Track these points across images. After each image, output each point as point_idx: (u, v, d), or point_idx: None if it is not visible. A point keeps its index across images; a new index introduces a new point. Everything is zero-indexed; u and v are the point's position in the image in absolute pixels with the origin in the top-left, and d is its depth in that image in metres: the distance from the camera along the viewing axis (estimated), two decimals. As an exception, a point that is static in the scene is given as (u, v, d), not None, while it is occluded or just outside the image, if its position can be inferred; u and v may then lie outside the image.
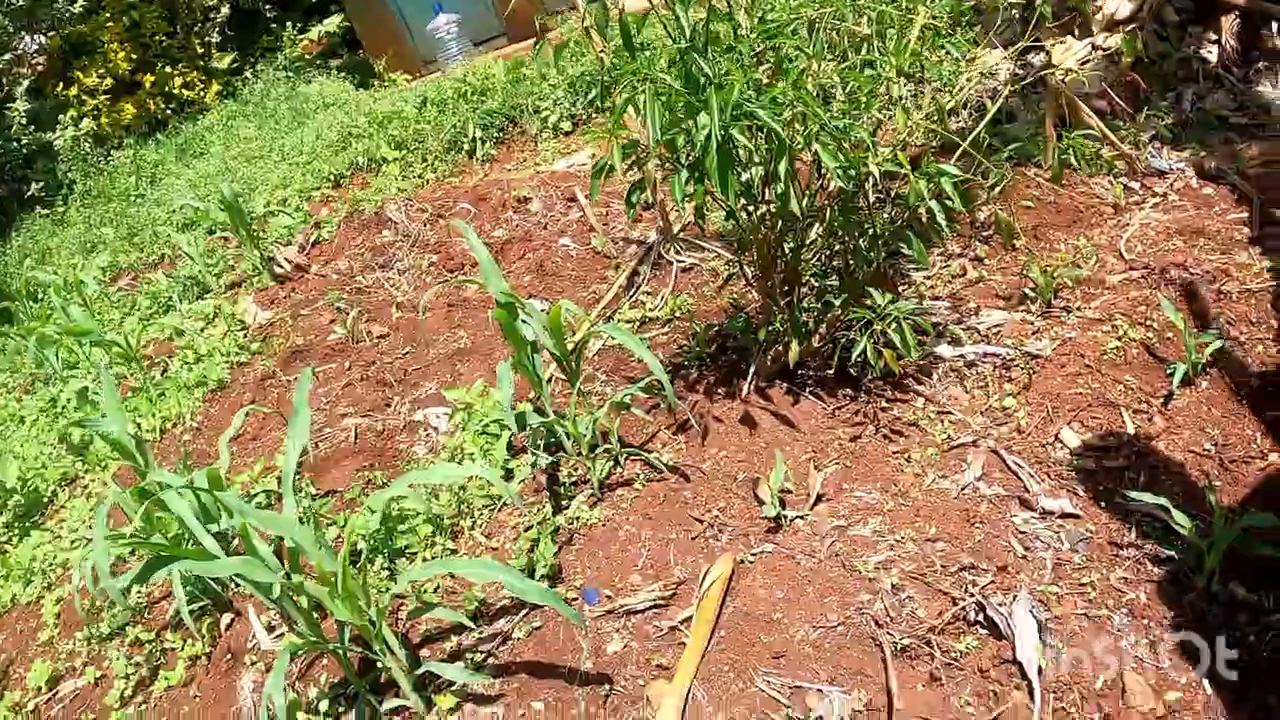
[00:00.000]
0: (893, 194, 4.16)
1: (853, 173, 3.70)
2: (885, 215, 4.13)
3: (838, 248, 4.35)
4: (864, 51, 3.92)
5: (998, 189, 4.09)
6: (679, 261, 5.96)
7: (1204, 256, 4.69)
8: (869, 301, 4.04)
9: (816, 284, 4.51)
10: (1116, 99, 6.03)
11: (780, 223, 4.09)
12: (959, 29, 4.34)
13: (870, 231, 4.10)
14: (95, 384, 6.61)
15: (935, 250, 5.27)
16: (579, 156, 8.08)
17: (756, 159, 3.71)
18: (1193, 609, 3.20)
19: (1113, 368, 4.22)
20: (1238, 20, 6.12)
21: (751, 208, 4.05)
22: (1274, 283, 4.39)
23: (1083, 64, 6.30)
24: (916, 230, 4.05)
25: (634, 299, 5.79)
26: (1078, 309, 4.59)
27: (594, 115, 8.65)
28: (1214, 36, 6.18)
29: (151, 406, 6.18)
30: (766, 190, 3.99)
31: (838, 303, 4.25)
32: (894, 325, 3.94)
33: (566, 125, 8.75)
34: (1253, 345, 4.14)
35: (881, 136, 4.21)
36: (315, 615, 3.47)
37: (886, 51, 3.88)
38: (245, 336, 6.75)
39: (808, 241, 4.32)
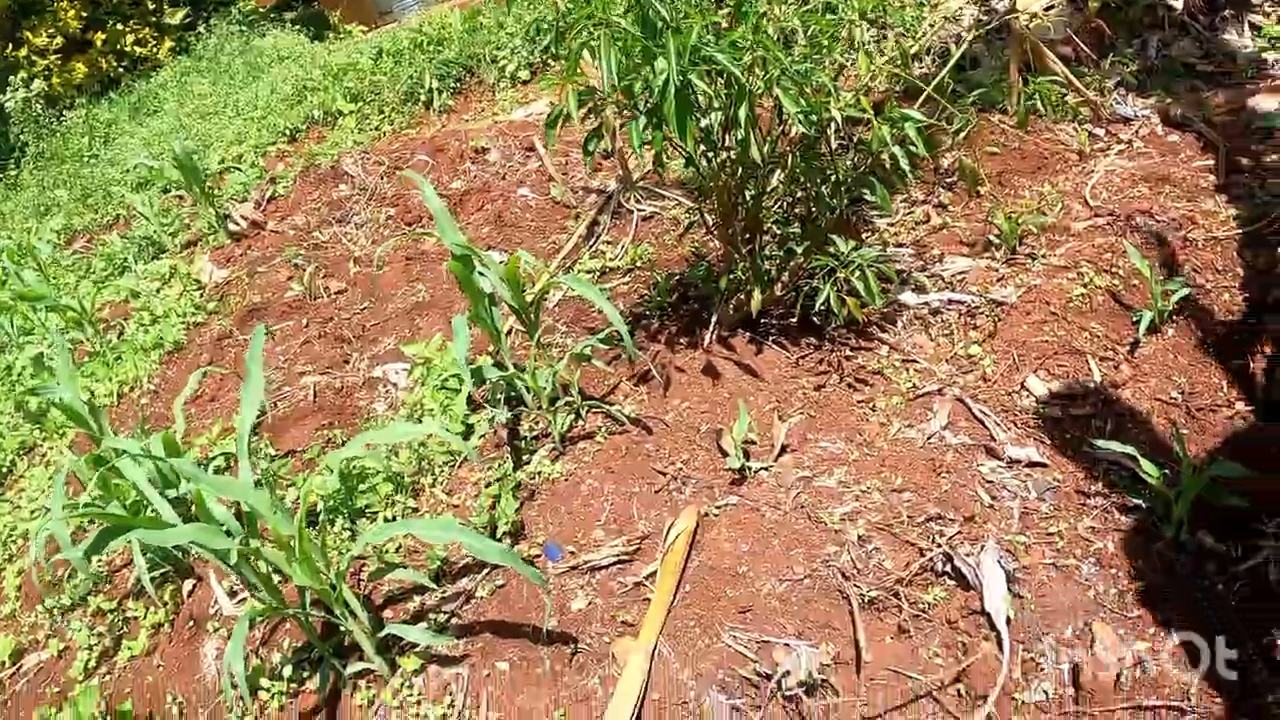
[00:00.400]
0: (855, 140, 4.09)
1: (814, 118, 3.64)
2: (848, 161, 4.06)
3: (800, 194, 4.29)
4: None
5: (962, 135, 4.04)
6: (639, 210, 5.89)
7: (1170, 204, 4.66)
8: (832, 249, 3.99)
9: (779, 231, 4.45)
10: (1081, 45, 5.98)
11: (741, 169, 4.03)
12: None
13: (833, 178, 4.03)
14: (51, 350, 6.49)
15: (899, 197, 5.23)
16: (537, 106, 7.98)
17: (716, 104, 3.64)
18: (1161, 559, 3.19)
19: (1079, 315, 4.19)
20: (1205, -34, 6.08)
21: (711, 154, 3.98)
22: (1240, 230, 4.37)
23: (1047, 9, 6.24)
24: (879, 176, 4.00)
25: (594, 249, 5.72)
26: (1043, 256, 4.55)
27: (551, 64, 8.55)
28: (1180, -17, 6.14)
29: (108, 371, 6.08)
30: (727, 136, 3.92)
31: (800, 250, 4.19)
32: (857, 272, 3.89)
33: (524, 74, 8.64)
34: (1219, 293, 4.12)
35: (844, 82, 4.14)
36: (276, 579, 3.41)
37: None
38: (201, 296, 6.65)
39: (769, 188, 4.25)
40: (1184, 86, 5.69)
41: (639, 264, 5.39)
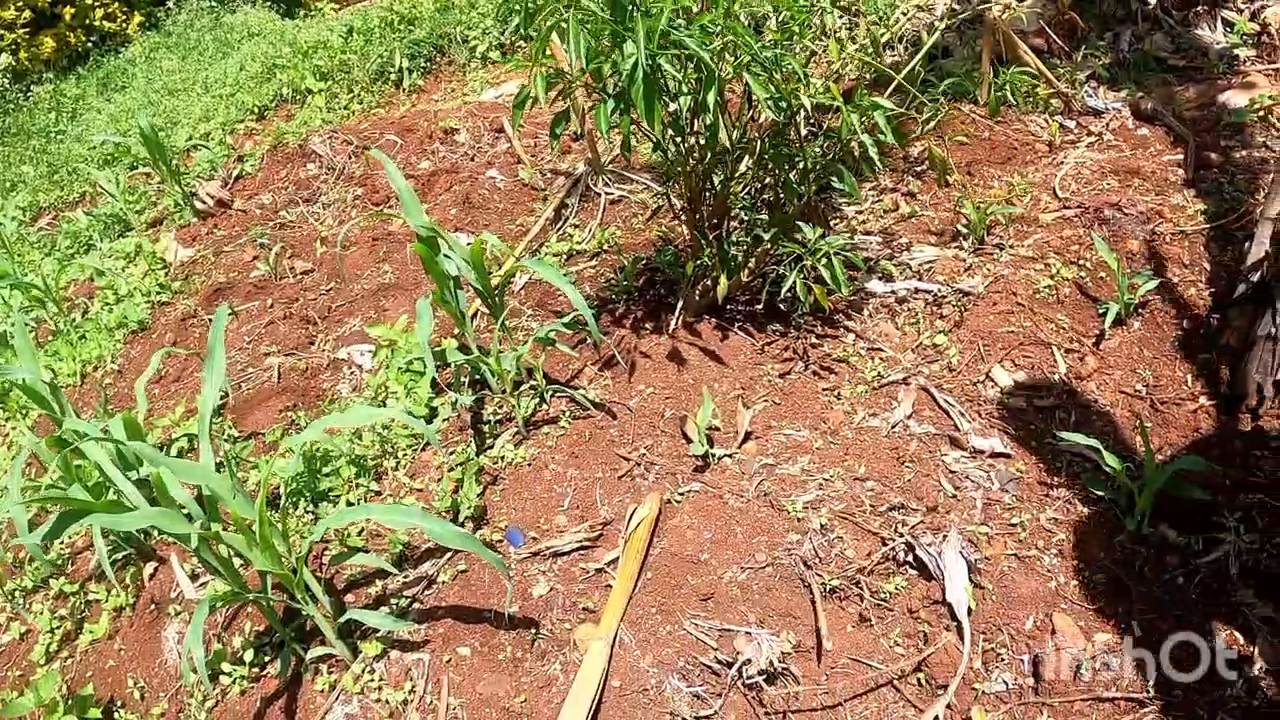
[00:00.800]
0: (825, 127, 4.07)
1: (784, 104, 3.62)
2: (817, 148, 4.05)
3: (768, 180, 4.28)
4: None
5: (932, 124, 4.04)
6: (607, 194, 5.87)
7: (1138, 197, 4.69)
8: (799, 236, 3.98)
9: (746, 218, 4.43)
10: (1054, 37, 5.99)
11: (709, 155, 4.01)
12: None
13: (801, 165, 4.02)
14: (13, 328, 6.42)
15: (867, 184, 5.23)
16: (507, 87, 7.94)
17: (685, 89, 3.61)
18: (1123, 551, 3.21)
19: (1045, 306, 4.21)
20: (1179, -38, 6.10)
21: (679, 139, 3.95)
22: (1207, 225, 4.40)
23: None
24: (848, 164, 4.00)
25: (561, 231, 5.69)
26: (1010, 246, 4.56)
27: (522, 45, 8.51)
28: (1155, -23, 6.16)
29: (72, 350, 5.99)
30: (695, 121, 3.90)
31: (767, 237, 4.18)
32: (824, 260, 3.88)
33: (495, 55, 8.57)
34: (1185, 287, 4.15)
35: (814, 68, 4.13)
36: (237, 563, 3.38)
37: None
38: (166, 275, 6.55)
39: (737, 174, 4.23)
40: (1155, 80, 5.73)
41: (606, 247, 5.36)
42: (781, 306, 4.44)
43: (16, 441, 5.50)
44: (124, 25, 14.36)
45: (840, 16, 4.06)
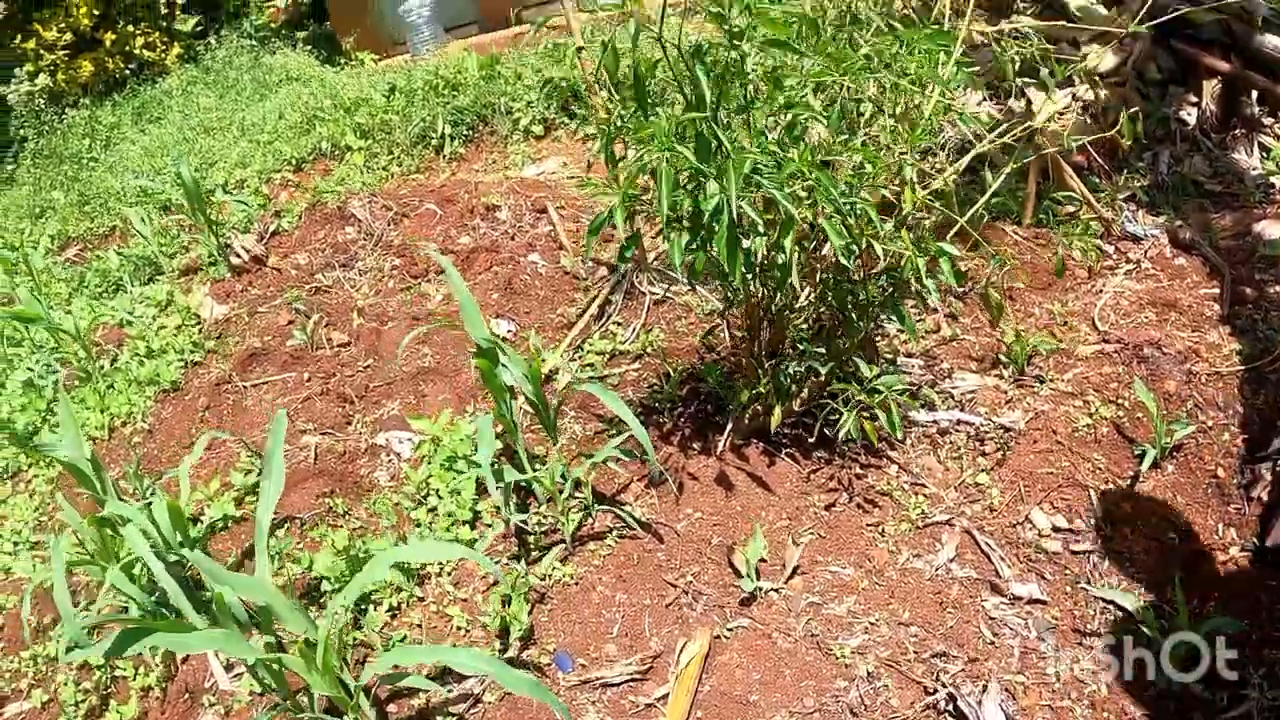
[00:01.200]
0: (885, 264, 4.12)
1: (854, 248, 3.67)
2: (877, 285, 4.10)
3: (824, 310, 4.32)
4: (870, 115, 3.92)
5: (999, 275, 4.10)
6: (652, 293, 5.83)
7: (1175, 333, 4.73)
8: (854, 370, 4.04)
9: (802, 347, 4.45)
10: (1094, 155, 6.06)
11: (779, 293, 4.06)
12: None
13: (862, 302, 4.08)
14: (43, 368, 6.46)
15: (910, 301, 5.28)
16: (549, 164, 7.96)
17: (761, 229, 3.64)
18: (1152, 704, 3.26)
19: (1083, 445, 4.26)
20: (1219, 85, 6.18)
21: (749, 275, 3.99)
22: (1242, 366, 4.44)
23: (1063, 112, 6.33)
24: (903, 295, 4.06)
25: (605, 329, 5.67)
26: (1050, 380, 4.61)
27: (565, 122, 8.55)
28: (1194, 99, 6.24)
29: (100, 401, 5.98)
30: (767, 257, 3.93)
31: (824, 370, 4.21)
32: (879, 400, 3.94)
33: (538, 129, 8.55)
34: (1219, 432, 4.20)
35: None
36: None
37: (898, 117, 3.88)
38: (200, 332, 6.52)
39: (797, 305, 4.28)
40: (1192, 205, 5.80)
41: (650, 350, 5.36)
42: (826, 432, 4.44)
43: (40, 491, 5.52)
44: (163, 55, 14.39)
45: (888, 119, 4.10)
